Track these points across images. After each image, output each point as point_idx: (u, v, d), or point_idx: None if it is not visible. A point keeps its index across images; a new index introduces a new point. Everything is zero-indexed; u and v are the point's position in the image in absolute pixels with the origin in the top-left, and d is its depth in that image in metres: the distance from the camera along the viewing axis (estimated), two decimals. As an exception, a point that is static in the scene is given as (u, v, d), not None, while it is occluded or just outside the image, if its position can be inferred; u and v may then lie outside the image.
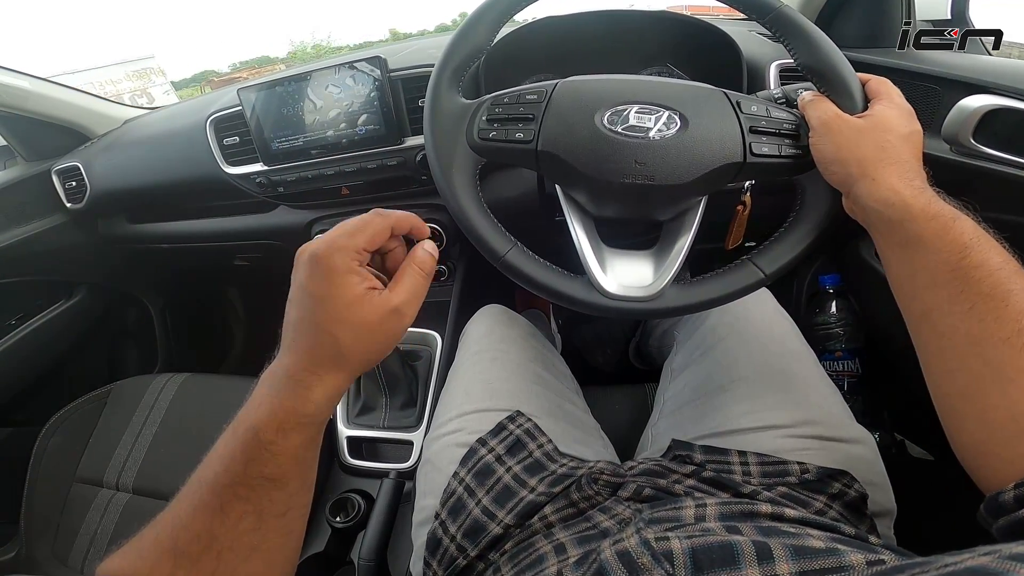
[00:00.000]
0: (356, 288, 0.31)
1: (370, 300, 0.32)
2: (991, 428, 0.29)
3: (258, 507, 0.30)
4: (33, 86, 0.94)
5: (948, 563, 0.19)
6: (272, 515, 0.31)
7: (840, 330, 0.89)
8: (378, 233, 0.33)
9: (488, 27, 0.45)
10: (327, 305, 0.31)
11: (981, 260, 0.31)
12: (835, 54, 0.41)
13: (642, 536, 0.30)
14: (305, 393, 0.31)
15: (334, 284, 0.31)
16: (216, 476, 0.30)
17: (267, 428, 0.30)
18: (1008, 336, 0.29)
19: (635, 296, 0.44)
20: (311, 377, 0.31)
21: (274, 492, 0.31)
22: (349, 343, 0.31)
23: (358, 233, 0.32)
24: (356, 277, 0.31)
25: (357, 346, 0.32)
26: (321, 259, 0.31)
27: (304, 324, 0.32)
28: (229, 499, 0.30)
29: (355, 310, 0.31)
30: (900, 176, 0.36)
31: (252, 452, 0.30)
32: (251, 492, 0.30)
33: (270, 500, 0.31)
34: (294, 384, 0.31)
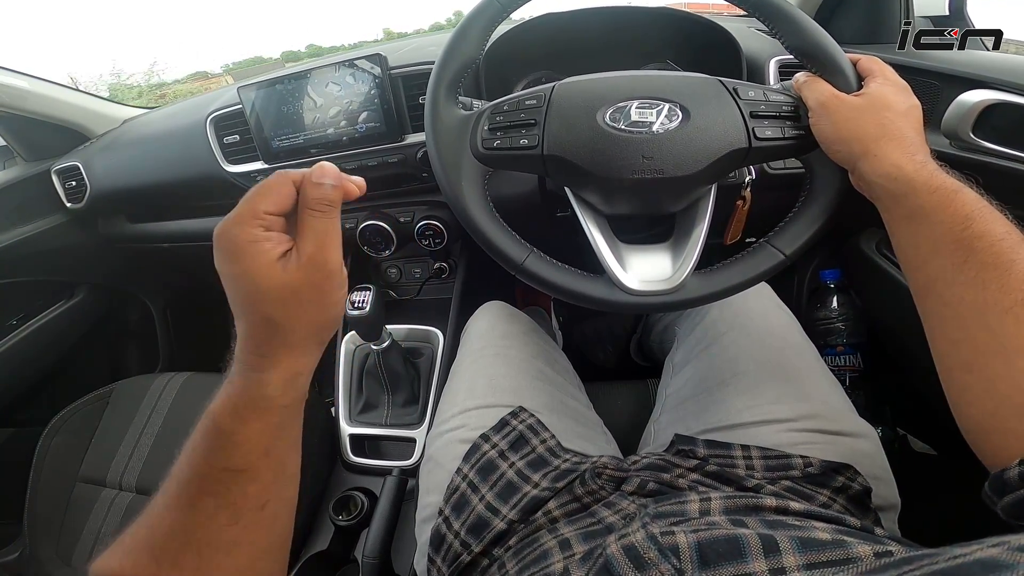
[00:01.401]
0: (267, 255, 0.28)
1: (284, 264, 0.29)
2: (996, 400, 0.29)
3: (230, 501, 0.29)
4: (32, 86, 0.94)
5: (957, 554, 0.19)
6: (249, 509, 0.29)
7: (841, 325, 0.90)
8: (277, 191, 0.30)
9: (477, 37, 0.45)
10: (243, 283, 0.29)
11: (984, 230, 0.31)
12: (820, 33, 0.42)
13: (648, 531, 0.30)
14: (258, 376, 0.29)
15: (242, 258, 0.28)
16: (181, 470, 0.29)
17: (223, 415, 0.29)
18: (1012, 306, 0.29)
19: (657, 290, 0.44)
20: (261, 360, 0.30)
21: (246, 485, 0.29)
22: (281, 316, 0.29)
23: (258, 197, 0.29)
24: (266, 244, 0.29)
25: (293, 317, 0.29)
26: (222, 235, 0.29)
27: (236, 308, 0.30)
28: (196, 494, 0.28)
29: (272, 279, 0.28)
30: (902, 151, 0.36)
31: (212, 442, 0.29)
32: (219, 486, 0.28)
33: (243, 494, 0.29)
34: (245, 369, 0.30)
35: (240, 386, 0.29)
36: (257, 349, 0.30)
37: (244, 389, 0.29)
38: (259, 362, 0.30)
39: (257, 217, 0.29)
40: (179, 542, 0.28)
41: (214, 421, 0.29)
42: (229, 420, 0.29)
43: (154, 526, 0.28)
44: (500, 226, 0.45)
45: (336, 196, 0.31)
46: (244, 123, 0.75)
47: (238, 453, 0.29)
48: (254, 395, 0.29)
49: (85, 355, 1.21)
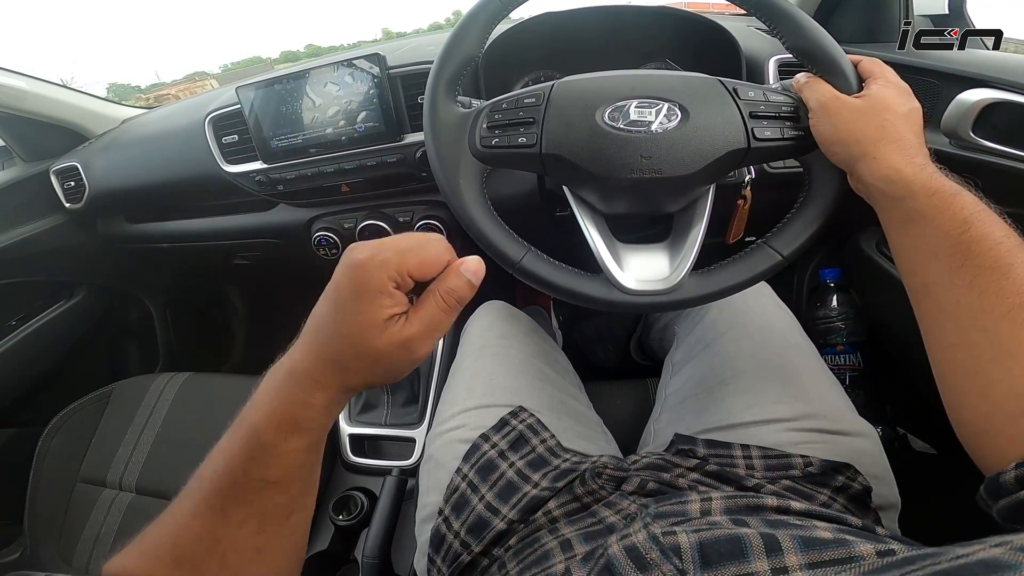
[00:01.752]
0: (381, 312, 0.29)
1: (386, 328, 0.29)
2: (992, 404, 0.29)
3: (260, 511, 0.29)
4: (30, 86, 0.94)
5: (959, 554, 0.19)
6: (275, 518, 0.30)
7: (841, 324, 0.89)
8: (431, 262, 0.30)
9: (476, 35, 0.45)
10: (347, 318, 0.29)
11: (982, 234, 0.31)
12: (820, 33, 0.42)
13: (649, 531, 0.30)
14: (306, 397, 0.30)
15: (361, 299, 0.29)
16: (217, 477, 0.29)
17: (267, 429, 0.29)
18: (1009, 310, 0.29)
19: (654, 290, 0.44)
20: (313, 382, 0.30)
21: (276, 496, 0.30)
22: (351, 362, 0.30)
23: (409, 253, 0.29)
24: (387, 300, 0.29)
25: (359, 368, 0.30)
26: (359, 269, 0.29)
27: (324, 324, 0.30)
28: (230, 502, 0.29)
29: (368, 334, 0.29)
30: (901, 154, 0.36)
31: (253, 452, 0.29)
32: (253, 496, 0.29)
33: (273, 504, 0.30)
34: (297, 387, 0.30)
35: (288, 402, 0.29)
36: (317, 371, 0.30)
37: (291, 407, 0.29)
38: (312, 384, 0.30)
39: (399, 271, 0.29)
40: (204, 547, 0.28)
41: (257, 433, 0.29)
42: (272, 434, 0.29)
43: (180, 531, 0.29)
44: (498, 224, 0.45)
45: (468, 296, 0.31)
46: (243, 123, 0.75)
47: (276, 465, 0.29)
48: (299, 414, 0.29)
49: (85, 355, 1.21)
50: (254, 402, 0.30)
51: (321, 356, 0.30)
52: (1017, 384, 0.28)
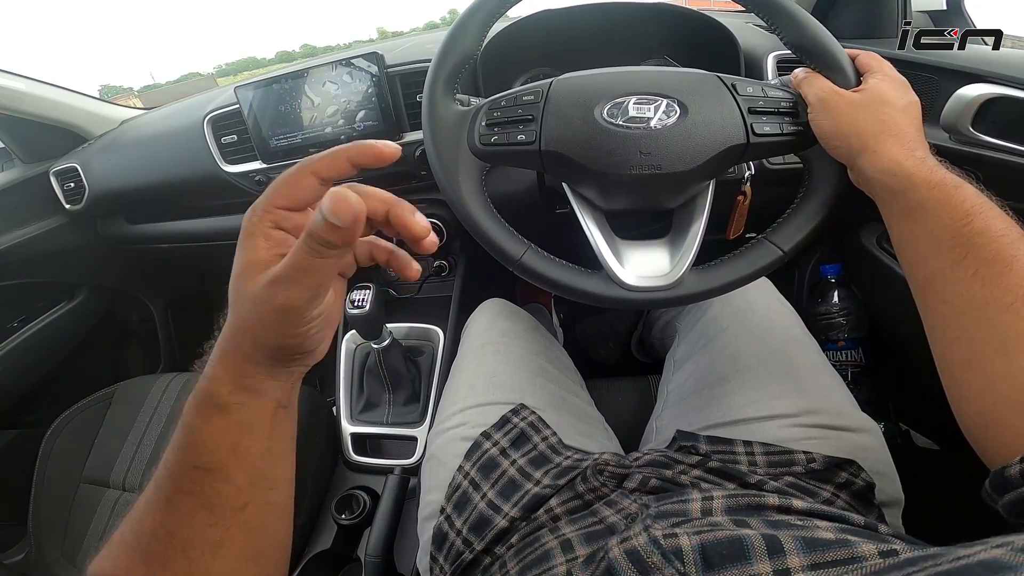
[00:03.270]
0: (257, 252, 0.27)
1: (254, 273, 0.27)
2: (996, 397, 0.29)
3: (205, 500, 0.27)
4: (29, 87, 0.94)
5: (961, 555, 0.19)
6: (227, 510, 0.28)
7: (843, 319, 0.89)
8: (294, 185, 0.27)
9: (475, 32, 0.45)
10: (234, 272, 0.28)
11: (984, 226, 0.31)
12: (818, 28, 0.41)
13: (650, 534, 0.30)
14: (212, 371, 0.28)
15: (241, 248, 0.27)
16: (159, 469, 0.28)
17: (188, 411, 0.28)
18: (1012, 302, 0.29)
19: (655, 286, 0.44)
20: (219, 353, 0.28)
21: (218, 484, 0.28)
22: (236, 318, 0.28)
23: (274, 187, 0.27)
24: (260, 240, 0.27)
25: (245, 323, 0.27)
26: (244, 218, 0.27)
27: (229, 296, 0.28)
28: (173, 492, 0.27)
29: (244, 280, 0.27)
30: (901, 147, 0.36)
31: (181, 439, 0.28)
32: (192, 485, 0.27)
33: (217, 494, 0.28)
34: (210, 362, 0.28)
35: (204, 379, 0.28)
36: (223, 345, 0.28)
37: (201, 385, 0.28)
38: (219, 356, 0.28)
39: (267, 209, 0.27)
40: (163, 543, 0.27)
41: (183, 418, 0.28)
42: (192, 416, 0.28)
43: (136, 526, 0.28)
44: (498, 222, 0.45)
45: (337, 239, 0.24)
46: (242, 123, 0.75)
47: (204, 450, 0.28)
48: (209, 391, 0.28)
49: (87, 357, 1.21)
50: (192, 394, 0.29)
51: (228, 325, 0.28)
52: (1021, 377, 0.28)
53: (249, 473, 0.29)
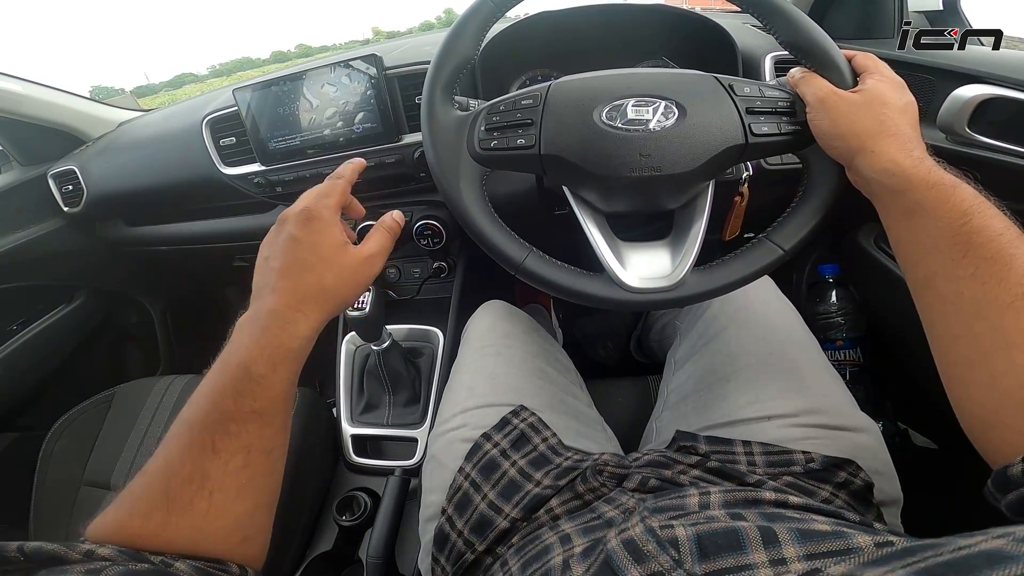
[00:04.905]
0: (339, 237, 0.39)
1: (348, 249, 0.39)
2: (998, 396, 0.29)
3: (247, 443, 0.32)
4: (26, 90, 0.94)
5: (961, 545, 0.19)
6: (260, 451, 0.33)
7: (841, 319, 0.90)
8: (344, 193, 0.42)
9: (473, 35, 0.45)
10: (319, 250, 0.38)
11: (982, 225, 0.31)
12: (815, 29, 0.42)
13: (647, 524, 0.30)
14: (292, 328, 0.35)
15: (324, 233, 0.38)
16: (206, 414, 0.32)
17: (258, 363, 0.33)
18: (1012, 300, 0.29)
19: (657, 287, 0.44)
20: (296, 314, 0.36)
21: (263, 428, 0.33)
22: (332, 282, 0.38)
23: (332, 194, 0.41)
24: (337, 228, 0.39)
25: (338, 285, 0.38)
26: (312, 213, 0.39)
27: (293, 267, 0.37)
28: (220, 436, 0.31)
29: (339, 255, 0.39)
30: (899, 147, 0.36)
31: (243, 386, 0.32)
32: (240, 428, 0.32)
33: (259, 436, 0.33)
34: (281, 321, 0.35)
35: (276, 336, 0.35)
36: (298, 303, 0.36)
37: (279, 340, 0.35)
38: (295, 315, 0.36)
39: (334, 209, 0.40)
40: (195, 487, 0.30)
41: (247, 367, 0.33)
42: (263, 367, 0.33)
43: (171, 474, 0.30)
44: (499, 226, 0.45)
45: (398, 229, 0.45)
46: (240, 125, 0.75)
47: (265, 396, 0.33)
48: (288, 345, 0.35)
49: (86, 359, 1.21)
50: (236, 346, 0.35)
51: (298, 294, 0.36)
52: (1022, 375, 0.28)
53: (284, 417, 0.35)
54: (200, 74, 9.16)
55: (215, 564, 0.30)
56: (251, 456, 0.32)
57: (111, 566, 0.25)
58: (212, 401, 0.32)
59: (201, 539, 0.30)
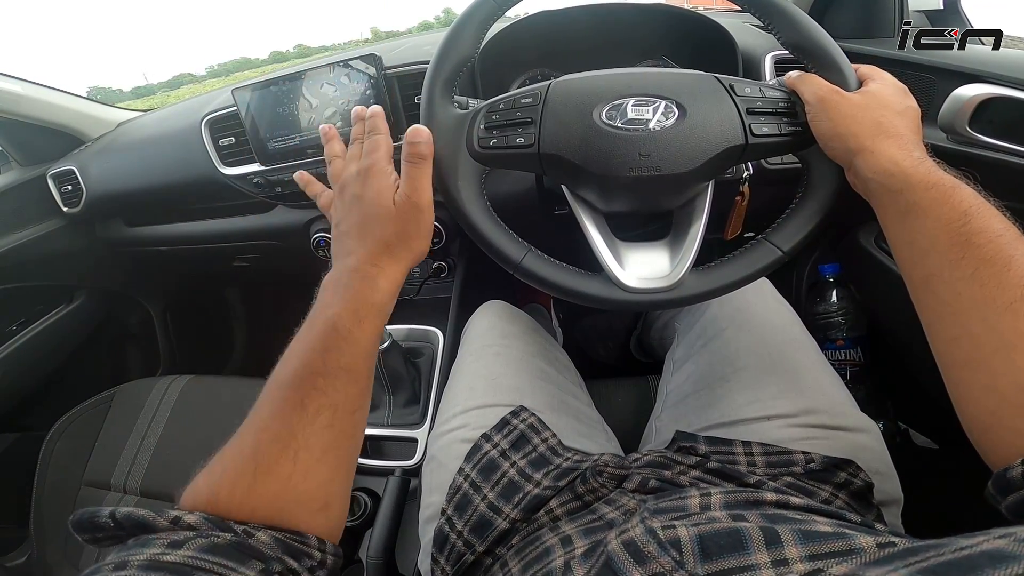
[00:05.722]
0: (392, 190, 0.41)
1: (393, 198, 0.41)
2: (998, 397, 0.29)
3: (334, 401, 0.33)
4: (25, 90, 0.94)
5: (963, 546, 0.19)
6: (346, 411, 0.34)
7: (841, 319, 0.90)
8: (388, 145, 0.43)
9: (473, 34, 0.45)
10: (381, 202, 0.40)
11: (982, 226, 0.31)
12: (816, 28, 0.42)
13: (647, 525, 0.30)
14: (373, 283, 0.38)
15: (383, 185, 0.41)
16: (295, 371, 0.33)
17: (344, 318, 0.35)
18: (1011, 302, 0.29)
19: (655, 287, 0.44)
20: (375, 269, 0.39)
21: (349, 386, 0.34)
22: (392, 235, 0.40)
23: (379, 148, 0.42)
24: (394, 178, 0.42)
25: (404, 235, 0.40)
26: (369, 169, 0.41)
27: (362, 225, 0.40)
28: (309, 391, 0.33)
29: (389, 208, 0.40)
30: (899, 148, 0.36)
31: (331, 342, 0.34)
32: (328, 383, 0.33)
33: (345, 395, 0.34)
34: (362, 277, 0.38)
35: (359, 291, 0.37)
36: (376, 259, 0.39)
37: (362, 294, 0.37)
38: (374, 271, 0.38)
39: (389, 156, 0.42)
40: (281, 447, 0.31)
41: (334, 323, 0.35)
42: (349, 322, 0.35)
43: (261, 435, 0.32)
44: (497, 225, 0.45)
45: (427, 151, 0.42)
46: (239, 125, 0.75)
47: (351, 352, 0.35)
48: (372, 300, 0.37)
49: (86, 359, 1.21)
50: (321, 306, 0.37)
51: (371, 250, 0.39)
52: (1022, 377, 0.28)
53: (368, 375, 0.37)
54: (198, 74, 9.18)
55: (296, 536, 0.31)
56: (336, 415, 0.33)
57: (195, 537, 0.26)
58: (301, 359, 0.34)
59: (284, 504, 0.31)
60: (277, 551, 0.29)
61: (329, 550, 0.32)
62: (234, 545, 0.27)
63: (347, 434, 0.34)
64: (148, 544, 0.26)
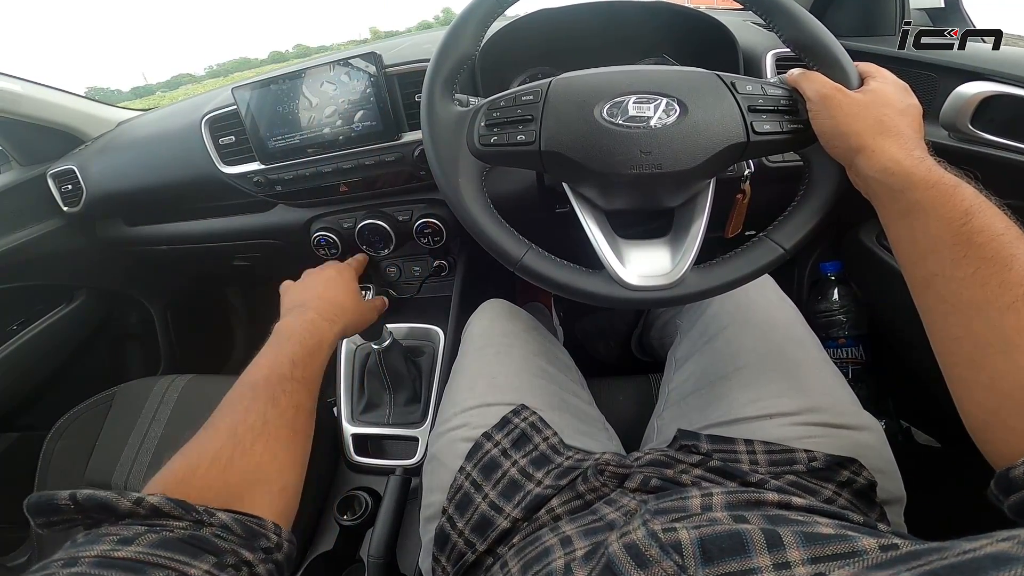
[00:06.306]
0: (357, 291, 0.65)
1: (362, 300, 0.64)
2: (999, 397, 0.29)
3: (297, 402, 0.42)
4: (25, 89, 0.93)
5: (967, 549, 0.19)
6: (305, 411, 0.43)
7: (843, 317, 0.89)
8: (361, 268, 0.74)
9: (473, 32, 0.45)
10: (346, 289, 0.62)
11: (983, 225, 0.31)
12: (817, 26, 0.42)
13: (648, 528, 0.30)
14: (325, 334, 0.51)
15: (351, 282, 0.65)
16: (267, 377, 0.42)
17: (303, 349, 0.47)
18: (1013, 301, 0.29)
19: (656, 285, 0.44)
20: (328, 324, 0.53)
21: (303, 393, 0.44)
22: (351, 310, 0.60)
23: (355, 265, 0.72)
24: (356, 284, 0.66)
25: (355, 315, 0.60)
26: (345, 272, 0.66)
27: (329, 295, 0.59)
28: (280, 392, 0.41)
29: (357, 297, 0.63)
30: (900, 147, 0.36)
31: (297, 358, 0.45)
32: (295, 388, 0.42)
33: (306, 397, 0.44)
34: (315, 329, 0.51)
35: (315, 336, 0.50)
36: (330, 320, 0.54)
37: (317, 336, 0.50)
38: (327, 326, 0.53)
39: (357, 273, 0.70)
40: (256, 432, 0.37)
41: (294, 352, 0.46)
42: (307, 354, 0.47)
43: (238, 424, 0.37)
44: (498, 222, 0.45)
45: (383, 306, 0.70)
46: (239, 124, 0.75)
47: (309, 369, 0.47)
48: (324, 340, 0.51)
49: (86, 359, 1.21)
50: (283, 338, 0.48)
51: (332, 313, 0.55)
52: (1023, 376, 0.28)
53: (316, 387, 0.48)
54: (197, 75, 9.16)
55: (253, 519, 0.33)
56: (299, 414, 0.42)
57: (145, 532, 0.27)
58: (272, 368, 0.43)
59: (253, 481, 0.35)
60: (232, 542, 0.30)
61: (284, 535, 0.35)
62: (186, 539, 0.28)
63: (304, 430, 0.42)
64: (98, 540, 0.26)
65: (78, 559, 0.24)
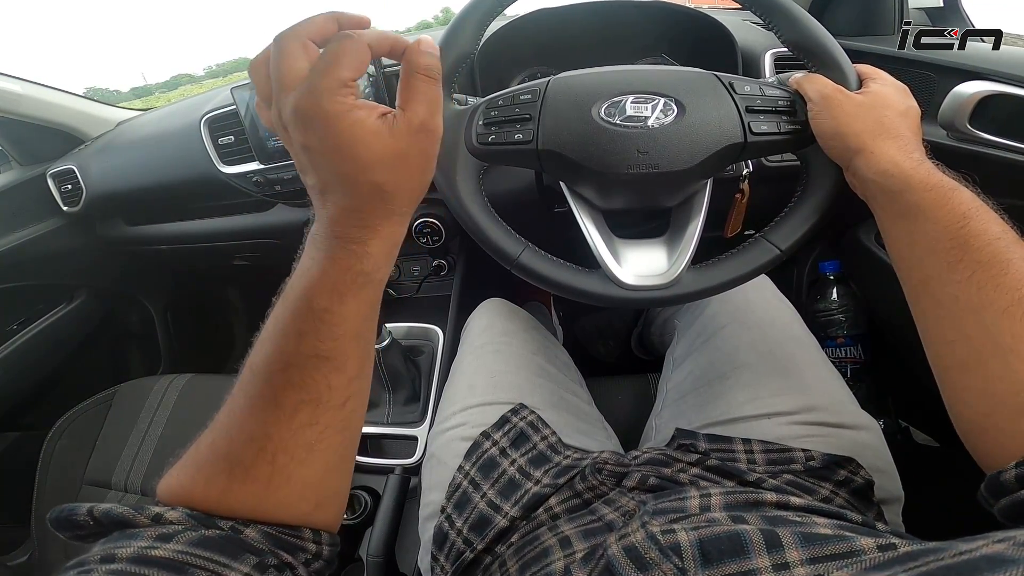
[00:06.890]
0: (367, 123, 0.26)
1: (389, 128, 0.27)
2: (992, 401, 0.29)
3: (314, 396, 0.28)
4: (24, 89, 0.94)
5: (963, 550, 0.19)
6: (330, 406, 0.28)
7: (842, 316, 0.89)
8: (360, 59, 0.26)
9: (472, 31, 0.45)
10: (346, 154, 0.26)
11: (980, 229, 0.31)
12: (816, 26, 0.42)
13: (648, 529, 0.30)
14: (359, 248, 0.28)
15: (340, 131, 0.26)
16: (268, 360, 0.27)
17: (319, 293, 0.27)
18: (1008, 305, 0.29)
19: (652, 284, 0.44)
20: (364, 232, 0.28)
21: (332, 376, 0.28)
22: (391, 183, 0.28)
23: (339, 66, 0.26)
24: (362, 112, 0.26)
25: (400, 181, 0.28)
26: (309, 111, 0.26)
27: (331, 184, 0.28)
28: (282, 386, 0.27)
29: (380, 146, 0.27)
30: (899, 149, 0.36)
31: (304, 324, 0.27)
32: (305, 376, 0.27)
33: (328, 387, 0.28)
34: (345, 243, 0.28)
35: (340, 261, 0.28)
36: (361, 221, 0.28)
37: (344, 264, 0.28)
38: (361, 233, 0.28)
39: (345, 86, 0.26)
40: (256, 447, 0.27)
41: (308, 301, 0.27)
42: (326, 298, 0.27)
43: (234, 433, 0.27)
44: (495, 221, 0.45)
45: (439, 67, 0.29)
46: (239, 124, 0.75)
47: (330, 336, 0.28)
48: (356, 269, 0.28)
49: (87, 359, 1.21)
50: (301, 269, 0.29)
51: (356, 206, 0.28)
52: (1017, 380, 0.28)
53: (359, 361, 0.30)
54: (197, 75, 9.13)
55: (287, 529, 0.28)
56: (319, 411, 0.28)
57: (184, 530, 0.25)
58: (274, 343, 0.28)
59: (265, 508, 0.27)
60: (269, 545, 0.27)
61: (325, 540, 0.30)
62: (225, 539, 0.25)
63: (336, 429, 0.29)
64: (136, 536, 0.24)
65: (115, 556, 0.23)
